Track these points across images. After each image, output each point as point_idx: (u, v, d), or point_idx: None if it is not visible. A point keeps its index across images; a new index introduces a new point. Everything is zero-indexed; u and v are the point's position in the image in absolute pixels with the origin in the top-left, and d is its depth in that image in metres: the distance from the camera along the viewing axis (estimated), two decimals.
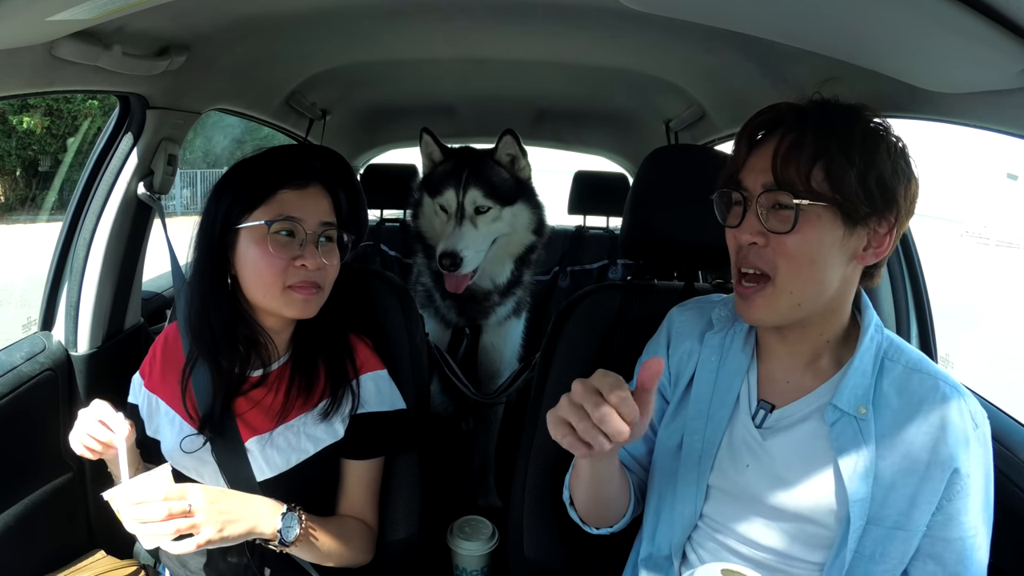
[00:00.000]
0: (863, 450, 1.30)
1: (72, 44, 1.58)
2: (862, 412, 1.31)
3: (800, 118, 1.29)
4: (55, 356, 2.15)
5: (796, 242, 1.26)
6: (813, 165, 1.25)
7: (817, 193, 1.24)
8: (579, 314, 1.85)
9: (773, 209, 1.29)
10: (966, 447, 1.28)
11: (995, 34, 1.07)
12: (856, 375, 1.33)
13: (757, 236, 1.30)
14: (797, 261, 1.28)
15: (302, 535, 1.51)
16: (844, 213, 1.25)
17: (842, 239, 1.27)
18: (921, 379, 1.33)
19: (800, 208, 1.25)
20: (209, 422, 1.61)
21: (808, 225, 1.25)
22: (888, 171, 1.25)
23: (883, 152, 1.25)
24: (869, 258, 1.31)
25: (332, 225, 1.61)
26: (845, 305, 1.38)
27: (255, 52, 2.33)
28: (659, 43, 2.33)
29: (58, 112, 8.78)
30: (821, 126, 1.26)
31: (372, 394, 1.70)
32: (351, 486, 1.71)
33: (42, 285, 2.28)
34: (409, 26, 2.32)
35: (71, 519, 2.14)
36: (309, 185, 1.59)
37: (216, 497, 1.40)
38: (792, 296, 1.30)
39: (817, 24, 1.38)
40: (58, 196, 7.19)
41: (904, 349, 1.39)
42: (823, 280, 1.30)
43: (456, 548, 2.44)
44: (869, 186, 1.24)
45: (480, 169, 2.72)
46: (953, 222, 25.30)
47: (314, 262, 1.54)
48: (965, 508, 1.29)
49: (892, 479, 1.29)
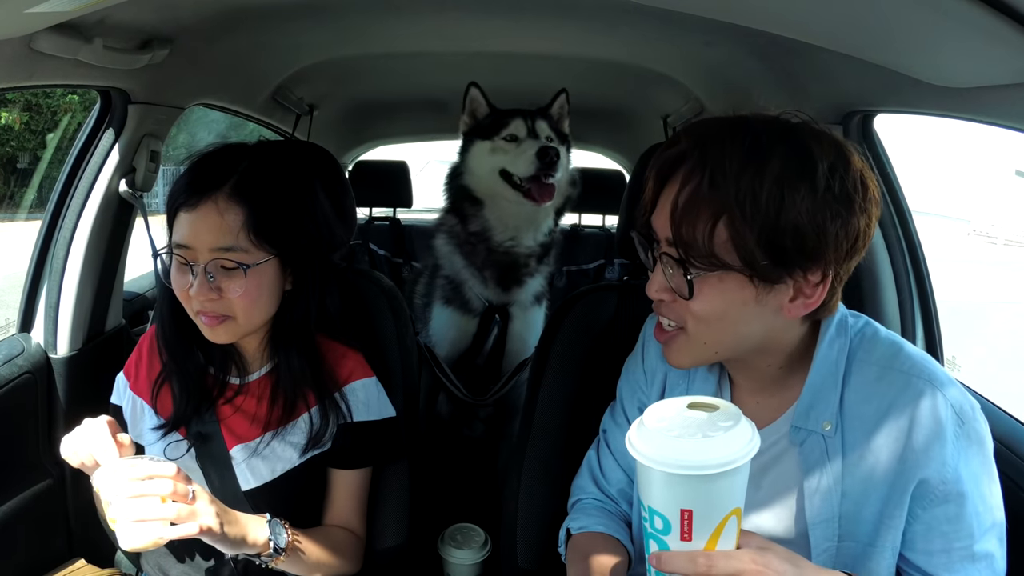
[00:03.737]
0: (828, 468, 1.24)
1: (52, 37, 1.58)
2: (826, 428, 1.24)
3: (703, 157, 1.16)
4: (34, 359, 2.15)
5: (698, 306, 1.19)
6: (716, 222, 1.13)
7: (719, 259, 1.14)
8: (574, 315, 1.84)
9: (677, 268, 1.19)
10: (941, 448, 1.18)
11: (1003, 27, 1.07)
12: (812, 391, 1.26)
13: (663, 293, 1.24)
14: (706, 321, 1.20)
15: (289, 544, 1.50)
16: (752, 277, 1.15)
17: (756, 297, 1.17)
18: (892, 379, 1.23)
19: (693, 279, 1.17)
20: (191, 426, 1.62)
21: (709, 289, 1.17)
22: (806, 218, 1.11)
23: (801, 195, 1.11)
24: (798, 310, 1.20)
25: (227, 250, 1.47)
26: (782, 344, 1.28)
27: (240, 45, 2.32)
28: (657, 36, 2.33)
29: (37, 107, 8.75)
30: (726, 168, 1.13)
31: (360, 403, 1.67)
32: (338, 495, 1.70)
33: (21, 285, 2.27)
34: (399, 18, 2.32)
35: (51, 527, 2.14)
36: (201, 203, 1.47)
37: (212, 498, 1.39)
38: (707, 346, 1.24)
39: (821, 17, 1.39)
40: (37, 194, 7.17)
41: (878, 345, 1.28)
42: (740, 334, 1.23)
43: (447, 557, 2.43)
44: (780, 242, 1.12)
45: (541, 111, 2.82)
46: (960, 220, 25.32)
47: (201, 294, 1.46)
48: (952, 515, 1.20)
49: (862, 494, 1.23)
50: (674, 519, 0.99)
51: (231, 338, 1.55)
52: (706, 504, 0.99)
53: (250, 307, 1.51)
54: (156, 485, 1.28)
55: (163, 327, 1.64)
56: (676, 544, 1.01)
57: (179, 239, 1.48)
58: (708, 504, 0.99)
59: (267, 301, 1.55)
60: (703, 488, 0.97)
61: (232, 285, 1.48)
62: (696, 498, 0.98)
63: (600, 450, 1.61)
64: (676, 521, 0.99)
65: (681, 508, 0.99)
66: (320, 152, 2.07)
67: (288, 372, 1.62)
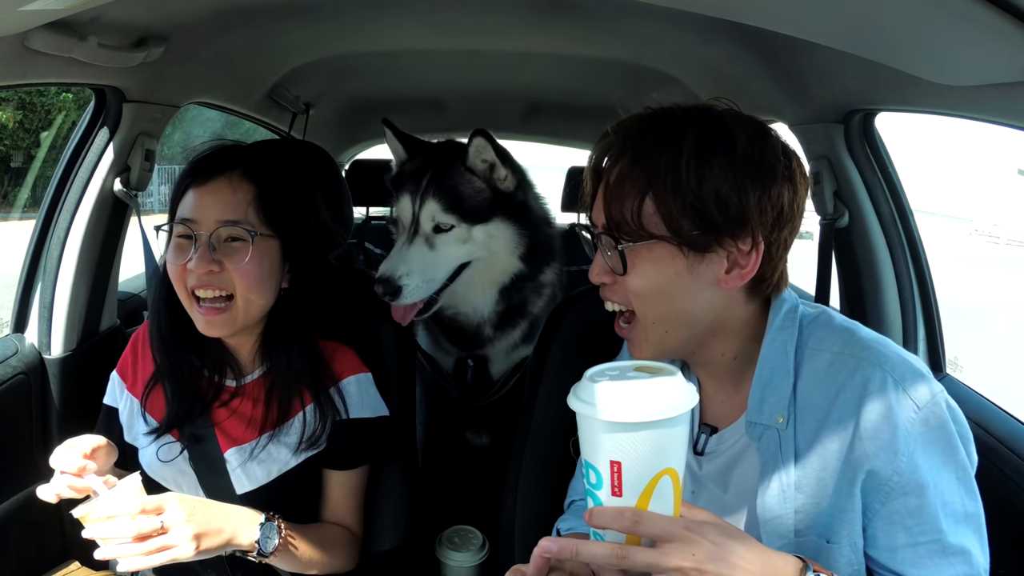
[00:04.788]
0: (781, 463, 1.22)
1: (46, 35, 1.58)
2: (779, 421, 1.23)
3: (627, 142, 1.23)
4: (28, 359, 2.15)
5: (634, 278, 1.22)
6: (643, 198, 1.18)
7: (648, 232, 1.18)
8: (573, 316, 1.84)
9: (613, 248, 1.22)
10: (891, 435, 1.14)
11: (1005, 25, 1.07)
12: (761, 383, 1.25)
13: (604, 276, 1.27)
14: (642, 294, 1.23)
15: (281, 545, 1.50)
16: (681, 246, 1.18)
17: (689, 268, 1.19)
18: (842, 365, 1.21)
19: (625, 250, 1.20)
20: (184, 429, 1.62)
21: (641, 262, 1.21)
22: (727, 185, 1.15)
23: (720, 163, 1.16)
24: (734, 280, 1.21)
25: (233, 223, 1.51)
26: (734, 322, 1.28)
27: (236, 43, 2.32)
28: (656, 34, 2.33)
29: (31, 106, 8.76)
30: (646, 147, 1.20)
31: (355, 398, 1.68)
32: (334, 496, 1.71)
33: (14, 286, 2.27)
34: (396, 16, 2.32)
35: (45, 529, 2.14)
36: (211, 179, 1.53)
37: (193, 510, 1.38)
38: (657, 326, 1.25)
39: (821, 14, 1.38)
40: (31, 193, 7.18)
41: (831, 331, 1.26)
42: (683, 310, 1.24)
43: (445, 559, 2.44)
44: (707, 210, 1.16)
45: (445, 175, 2.32)
46: (962, 220, 25.37)
47: (200, 266, 1.47)
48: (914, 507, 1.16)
49: (817, 487, 1.20)
50: (604, 471, 0.99)
51: (228, 330, 1.55)
52: (635, 457, 0.98)
53: (251, 286, 1.52)
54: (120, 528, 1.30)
55: (159, 326, 1.64)
56: (608, 499, 1.00)
57: (184, 214, 1.51)
58: (637, 457, 0.98)
59: (265, 288, 1.56)
60: (631, 437, 0.97)
61: (235, 257, 1.50)
62: (625, 449, 0.98)
63: None
64: (607, 474, 0.99)
65: (611, 459, 0.99)
66: (317, 151, 2.07)
67: (286, 371, 1.62)
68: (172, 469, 1.63)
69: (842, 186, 2.22)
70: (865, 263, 2.26)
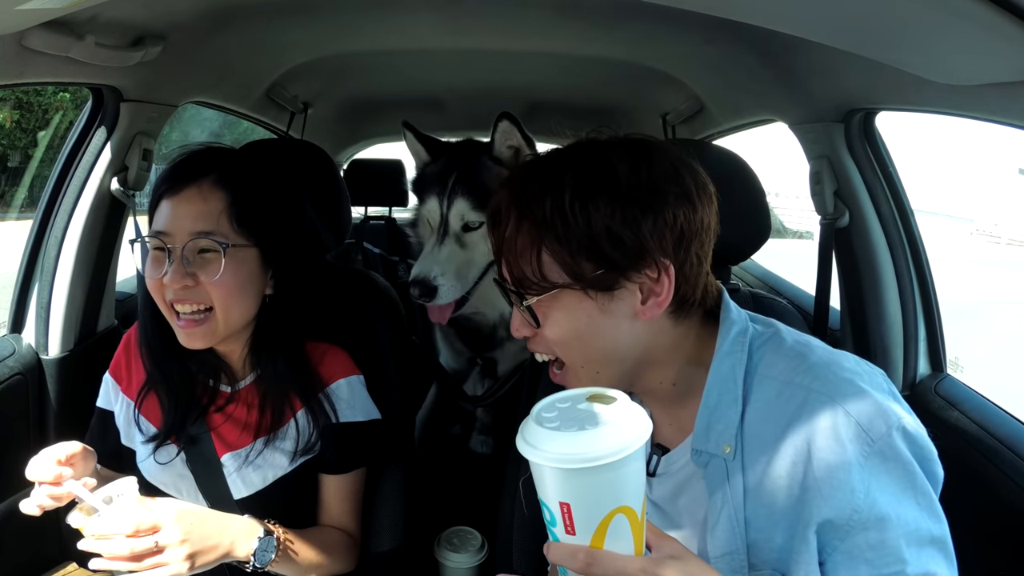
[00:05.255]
0: (729, 495, 1.17)
1: (43, 34, 1.58)
2: (726, 451, 1.18)
3: (511, 197, 1.20)
4: (25, 360, 2.15)
5: (551, 331, 1.20)
6: (539, 249, 1.16)
7: (548, 282, 1.16)
8: None
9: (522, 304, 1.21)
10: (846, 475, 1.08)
11: (1006, 24, 1.07)
12: (707, 411, 1.20)
13: (524, 330, 1.25)
14: (565, 343, 1.21)
15: (279, 556, 1.50)
16: (585, 289, 1.15)
17: (600, 308, 1.17)
18: (790, 396, 1.15)
19: (532, 306, 1.19)
20: (180, 432, 1.61)
21: (551, 311, 1.19)
22: (616, 221, 1.12)
23: (604, 199, 1.13)
24: (651, 310, 1.17)
25: (205, 234, 1.46)
26: (664, 350, 1.24)
27: (234, 42, 2.32)
28: (656, 33, 2.33)
29: (28, 105, 8.75)
30: (529, 199, 1.17)
31: (345, 401, 1.66)
32: (330, 500, 1.70)
33: (11, 286, 2.27)
34: (395, 14, 2.32)
35: (42, 530, 2.13)
36: (183, 188, 1.47)
37: (190, 526, 1.37)
38: (587, 368, 1.23)
39: (822, 13, 1.38)
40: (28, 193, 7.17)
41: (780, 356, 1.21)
42: (607, 348, 1.21)
43: (443, 560, 2.44)
44: (600, 249, 1.13)
45: (471, 172, 2.35)
46: (963, 220, 25.36)
47: (175, 281, 1.44)
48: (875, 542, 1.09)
49: (767, 522, 1.15)
50: (556, 511, 0.98)
51: (209, 341, 1.52)
52: (583, 499, 0.97)
53: (227, 297, 1.48)
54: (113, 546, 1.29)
55: (146, 336, 1.62)
56: (563, 536, 0.99)
57: (158, 226, 1.47)
58: (585, 500, 0.97)
59: (245, 298, 1.53)
60: (577, 482, 0.96)
61: (209, 270, 1.45)
62: (572, 492, 0.97)
63: None
64: (558, 513, 0.98)
65: (559, 501, 0.97)
66: (314, 151, 2.07)
67: (273, 379, 1.60)
68: (171, 474, 1.63)
69: (842, 186, 2.22)
70: (865, 263, 2.26)
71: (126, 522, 1.30)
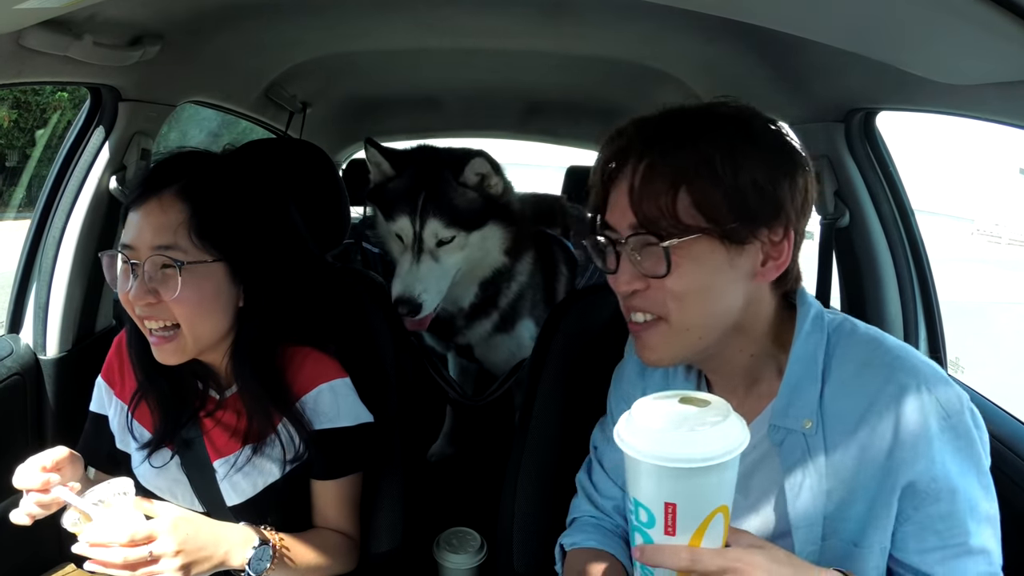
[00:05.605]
0: (811, 469, 1.22)
1: (41, 33, 1.58)
2: (807, 427, 1.22)
3: (649, 141, 1.22)
4: (23, 360, 2.15)
5: (676, 280, 1.18)
6: (676, 193, 1.16)
7: (687, 226, 1.16)
8: (572, 317, 1.84)
9: (645, 250, 1.20)
10: (927, 446, 1.16)
11: (1007, 23, 1.07)
12: (789, 387, 1.25)
13: (635, 283, 1.23)
14: (684, 297, 1.20)
15: (275, 565, 1.49)
16: (723, 237, 1.17)
17: (730, 261, 1.19)
18: (873, 374, 1.21)
19: (670, 249, 1.17)
20: (174, 437, 1.61)
21: (683, 259, 1.18)
22: (763, 174, 1.17)
23: (753, 152, 1.17)
24: (770, 272, 1.22)
25: (165, 248, 1.41)
26: (759, 319, 1.28)
27: (233, 42, 2.32)
28: (656, 33, 2.33)
29: (26, 105, 8.73)
30: (675, 144, 1.19)
31: (328, 407, 1.60)
32: (324, 505, 1.67)
33: (9, 286, 2.27)
34: (394, 14, 2.32)
35: (41, 531, 2.12)
36: (147, 201, 1.43)
37: (185, 536, 1.36)
38: (691, 332, 1.23)
39: (823, 13, 1.39)
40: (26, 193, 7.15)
41: (857, 339, 1.27)
42: (721, 309, 1.23)
43: (442, 561, 2.44)
44: (745, 199, 1.16)
45: (441, 193, 2.42)
46: (963, 220, 25.31)
47: (138, 297, 1.41)
48: (945, 512, 1.18)
49: (847, 494, 1.21)
50: (658, 512, 0.99)
51: (180, 358, 1.49)
52: (690, 499, 0.99)
53: (191, 315, 1.44)
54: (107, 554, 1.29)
55: (131, 346, 1.61)
56: (660, 538, 1.01)
57: (124, 239, 1.45)
58: (692, 499, 0.99)
59: (214, 313, 1.48)
60: (687, 482, 0.97)
61: (168, 287, 1.41)
62: (680, 492, 0.98)
63: (592, 468, 1.60)
64: (660, 515, 0.99)
65: (665, 501, 0.99)
66: (313, 150, 2.07)
67: (248, 392, 1.57)
68: (167, 478, 1.62)
69: (843, 185, 2.22)
70: (866, 263, 2.26)
71: (121, 531, 1.30)
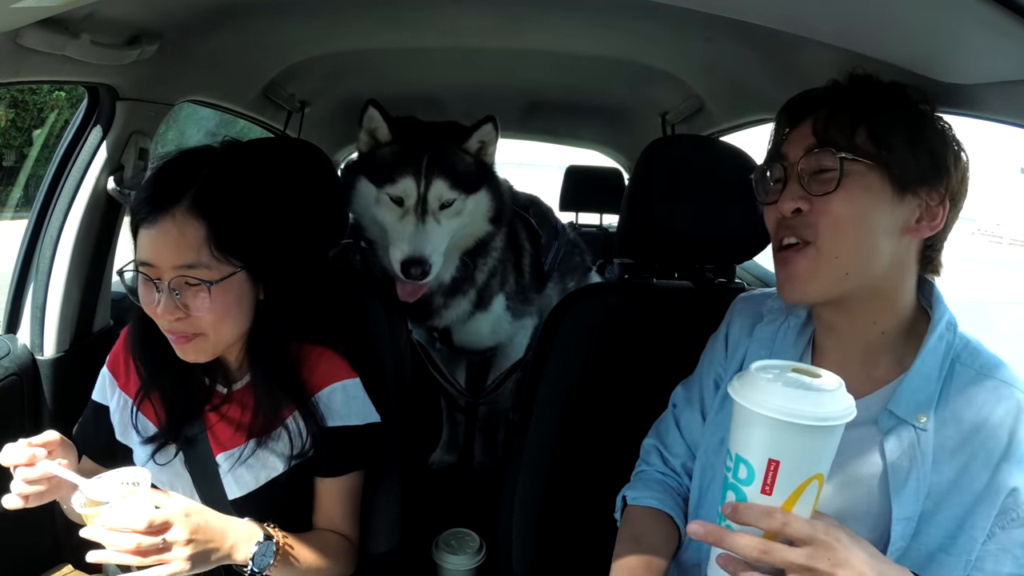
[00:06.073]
0: (918, 463, 1.22)
1: (38, 32, 1.57)
2: (921, 421, 1.23)
3: (840, 92, 1.31)
4: (20, 360, 2.15)
5: (841, 201, 1.24)
6: (856, 127, 1.24)
7: (862, 150, 1.23)
8: (573, 315, 1.84)
9: (816, 175, 1.26)
10: None
11: (1008, 22, 1.07)
12: (918, 378, 1.26)
13: (799, 202, 1.28)
14: (842, 222, 1.24)
15: (277, 562, 1.49)
16: (892, 175, 1.23)
17: (891, 204, 1.24)
18: (994, 385, 1.24)
19: (844, 165, 1.23)
20: (178, 431, 1.61)
21: (853, 183, 1.23)
22: (937, 141, 1.25)
23: (930, 125, 1.26)
24: (924, 230, 1.27)
25: (189, 267, 1.41)
26: (900, 291, 1.31)
27: (231, 40, 2.32)
28: (656, 31, 2.33)
29: (23, 104, 8.72)
30: (863, 96, 1.28)
31: (340, 405, 1.64)
32: (326, 501, 1.68)
33: (6, 286, 2.27)
34: (394, 13, 2.32)
35: (38, 532, 2.13)
36: (159, 219, 1.41)
37: (196, 528, 1.36)
38: (838, 262, 1.26)
39: (824, 12, 1.39)
40: (23, 192, 7.14)
41: (980, 352, 1.30)
42: (871, 246, 1.26)
43: (441, 562, 2.44)
44: (917, 151, 1.23)
45: (444, 156, 2.42)
46: (964, 219, 25.29)
47: (167, 313, 1.42)
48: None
49: (944, 496, 1.22)
50: (760, 468, 1.02)
51: (203, 356, 1.52)
52: (794, 458, 1.01)
53: (219, 323, 1.47)
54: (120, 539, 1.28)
55: (139, 347, 1.62)
56: (755, 496, 1.03)
57: (142, 257, 1.44)
58: (796, 459, 1.01)
59: (237, 315, 1.52)
60: (797, 440, 0.99)
61: (197, 303, 1.43)
62: (787, 449, 1.00)
63: (666, 423, 1.61)
64: (761, 471, 1.02)
65: (770, 458, 1.01)
66: (312, 150, 2.07)
67: (261, 385, 1.59)
68: (169, 473, 1.62)
69: None
70: None
71: (139, 517, 1.29)
